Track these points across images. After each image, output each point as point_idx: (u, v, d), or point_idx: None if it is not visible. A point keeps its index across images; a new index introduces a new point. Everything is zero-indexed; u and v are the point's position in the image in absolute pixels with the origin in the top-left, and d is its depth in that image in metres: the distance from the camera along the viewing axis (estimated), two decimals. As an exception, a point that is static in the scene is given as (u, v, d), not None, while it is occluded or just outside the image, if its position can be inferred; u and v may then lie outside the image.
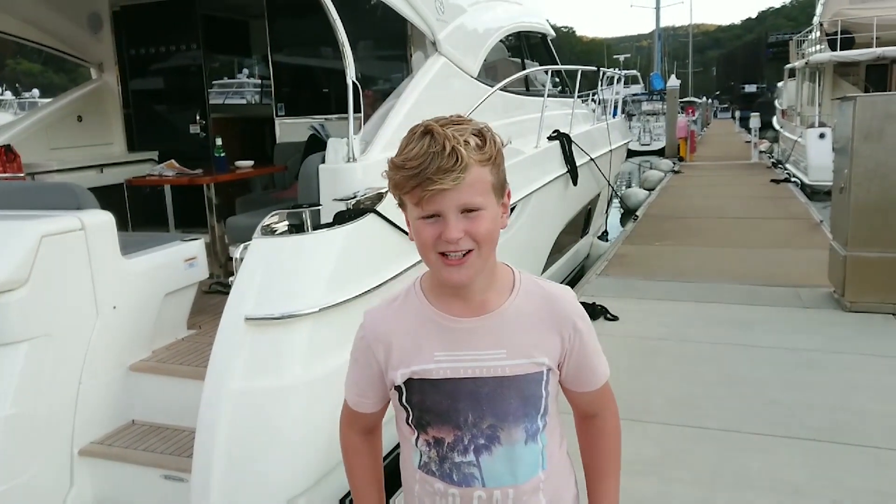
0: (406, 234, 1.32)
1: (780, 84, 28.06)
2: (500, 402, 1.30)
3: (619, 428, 1.48)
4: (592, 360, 1.39)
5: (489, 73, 5.41)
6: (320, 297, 2.84)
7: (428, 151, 1.17)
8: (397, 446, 1.44)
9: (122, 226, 3.34)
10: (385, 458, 1.58)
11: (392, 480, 1.59)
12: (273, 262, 2.90)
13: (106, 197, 3.56)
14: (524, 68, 6.61)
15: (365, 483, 1.50)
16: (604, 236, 10.78)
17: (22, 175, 4.85)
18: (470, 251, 1.23)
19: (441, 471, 1.33)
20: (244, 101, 8.65)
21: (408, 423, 1.35)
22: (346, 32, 3.28)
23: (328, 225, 3.06)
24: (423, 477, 1.36)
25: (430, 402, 1.31)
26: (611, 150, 8.98)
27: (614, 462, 1.47)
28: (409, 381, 1.32)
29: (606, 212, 10.75)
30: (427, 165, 1.17)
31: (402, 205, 1.28)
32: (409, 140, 1.22)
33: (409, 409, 1.34)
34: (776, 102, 27.50)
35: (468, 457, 1.31)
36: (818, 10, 20.17)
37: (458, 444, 1.31)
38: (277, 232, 2.99)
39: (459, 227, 1.20)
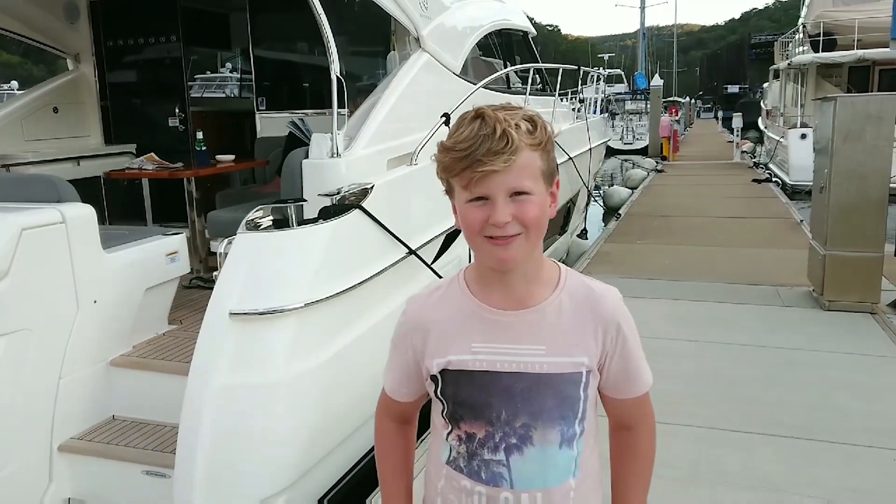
0: (390, 232, 1.31)
1: (765, 85, 28.28)
2: (535, 399, 1.27)
3: (654, 447, 1.44)
4: (634, 365, 1.35)
5: (471, 69, 5.41)
6: (305, 293, 2.83)
7: (479, 134, 1.17)
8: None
9: (99, 219, 3.31)
10: None
11: None
12: (258, 257, 2.88)
13: (83, 190, 3.51)
14: (506, 66, 6.62)
15: (394, 471, 1.47)
16: (583, 234, 10.82)
17: (-4, 167, 4.78)
18: (517, 235, 1.20)
19: (469, 468, 1.31)
20: (224, 95, 8.58)
21: (442, 416, 1.33)
22: (330, 28, 3.27)
23: (313, 220, 3.04)
24: (449, 472, 1.34)
25: (464, 394, 1.29)
26: (590, 149, 9.02)
27: (643, 479, 1.42)
28: (444, 372, 1.30)
29: (585, 210, 10.78)
30: (477, 147, 1.16)
31: (449, 190, 1.27)
32: (459, 124, 1.22)
33: (444, 401, 1.32)
34: (762, 103, 27.72)
35: (498, 455, 1.28)
36: (803, 11, 20.37)
37: (489, 441, 1.28)
38: (262, 227, 2.97)
39: (507, 210, 1.19)
